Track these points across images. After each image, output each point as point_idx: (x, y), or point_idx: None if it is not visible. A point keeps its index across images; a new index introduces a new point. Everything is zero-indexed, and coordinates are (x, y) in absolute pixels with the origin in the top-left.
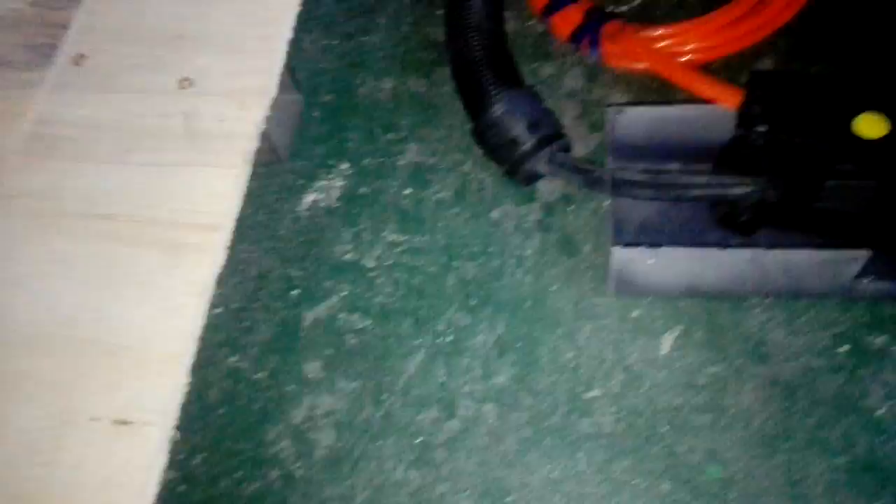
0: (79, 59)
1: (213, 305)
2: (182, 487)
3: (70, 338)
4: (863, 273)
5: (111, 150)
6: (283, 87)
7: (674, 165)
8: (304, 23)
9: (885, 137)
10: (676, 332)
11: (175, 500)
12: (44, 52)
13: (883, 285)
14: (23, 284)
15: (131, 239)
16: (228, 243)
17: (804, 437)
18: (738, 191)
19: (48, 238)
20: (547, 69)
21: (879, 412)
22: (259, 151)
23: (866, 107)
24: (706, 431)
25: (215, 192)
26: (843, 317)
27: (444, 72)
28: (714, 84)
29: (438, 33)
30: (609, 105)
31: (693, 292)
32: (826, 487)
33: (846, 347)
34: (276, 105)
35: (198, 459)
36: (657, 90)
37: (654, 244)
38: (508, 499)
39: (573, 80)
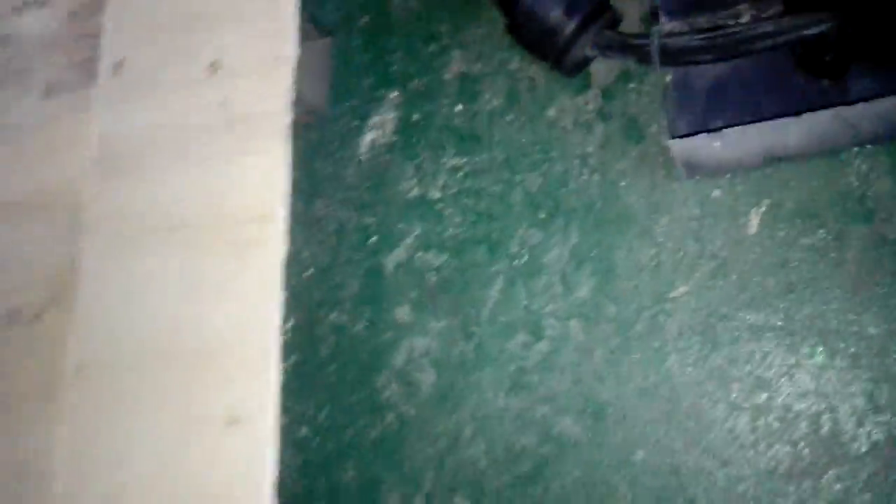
0: (118, 67)
1: (305, 268)
2: (316, 441)
3: (174, 347)
4: None
5: (166, 156)
6: (305, 36)
7: (742, 7)
8: None
9: None
10: (764, 205)
11: (312, 453)
12: (88, 67)
13: None
14: (127, 302)
15: (203, 244)
16: (286, 229)
17: None
18: (814, 30)
19: (138, 256)
20: None
21: None
22: (298, 115)
23: None
24: (807, 309)
25: (262, 179)
26: None
27: None
28: None
29: None
30: None
31: (777, 159)
32: None
33: None
34: (303, 60)
35: (323, 414)
36: None
37: (716, 128)
38: (607, 412)
39: None
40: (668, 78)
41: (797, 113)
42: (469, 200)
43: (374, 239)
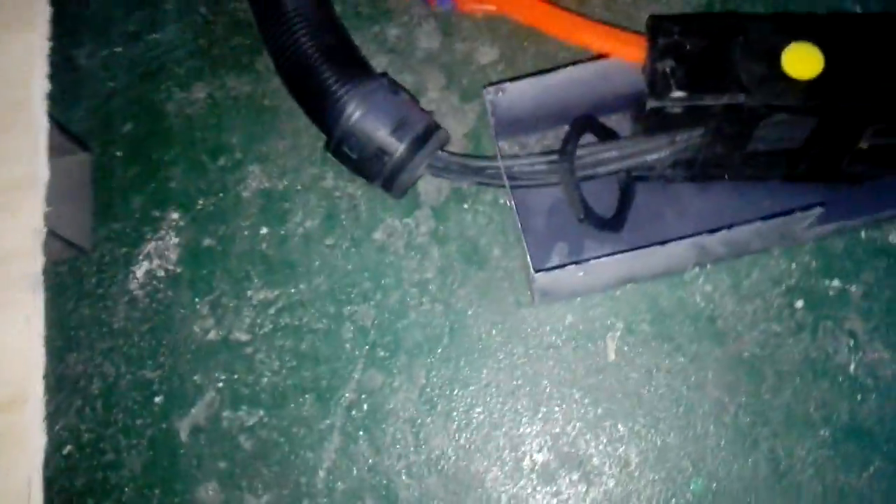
0: None
1: (60, 444)
2: None
3: None
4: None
5: None
6: (56, 150)
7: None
8: (72, 32)
9: (822, 75)
10: (619, 330)
11: None
12: None
13: (826, 227)
14: None
15: None
16: (43, 413)
17: (781, 417)
18: (655, 155)
19: None
20: (392, 31)
21: (851, 368)
22: (53, 255)
23: (793, 37)
24: (678, 441)
25: (7, 347)
26: (790, 268)
27: (268, 59)
28: (602, 33)
29: (247, 7)
30: (485, 86)
31: (627, 281)
32: (815, 469)
33: (801, 303)
34: (55, 182)
35: None
36: (529, 35)
37: (582, 259)
38: None
39: (427, 38)
40: (511, 203)
41: (663, 243)
42: (286, 341)
43: (159, 398)
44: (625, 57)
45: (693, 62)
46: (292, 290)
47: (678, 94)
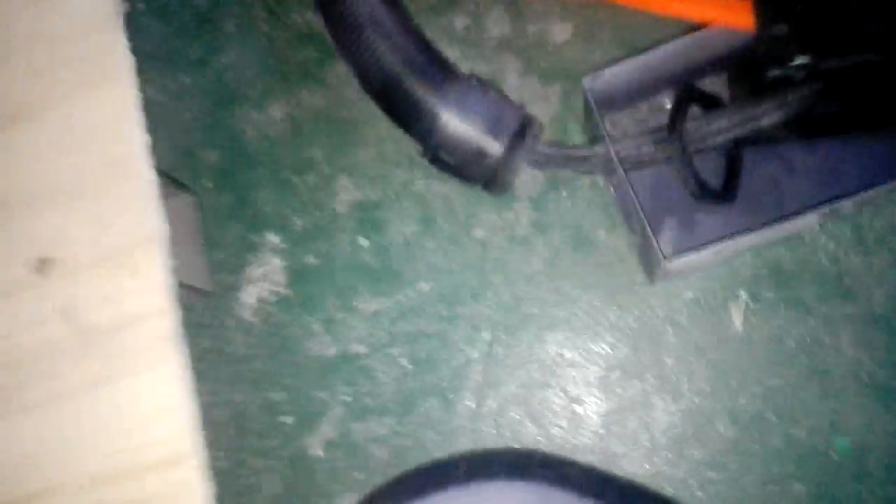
0: None
1: None
2: None
3: None
4: None
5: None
6: (166, 198)
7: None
8: (138, 69)
9: None
10: (742, 299)
11: None
12: None
13: None
14: None
15: None
16: (203, 470)
17: None
18: (769, 119)
19: None
20: (459, 21)
21: None
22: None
23: None
24: (818, 404)
25: (157, 407)
26: None
27: (339, 69)
28: (699, 2)
29: (310, 19)
30: (584, 76)
31: (748, 249)
32: None
33: None
34: (173, 233)
35: None
36: (602, 7)
37: (709, 241)
38: None
39: (496, 24)
40: (628, 189)
41: (789, 216)
42: (403, 348)
43: (288, 418)
44: (729, 24)
45: (809, 21)
46: (401, 298)
47: (801, 59)
